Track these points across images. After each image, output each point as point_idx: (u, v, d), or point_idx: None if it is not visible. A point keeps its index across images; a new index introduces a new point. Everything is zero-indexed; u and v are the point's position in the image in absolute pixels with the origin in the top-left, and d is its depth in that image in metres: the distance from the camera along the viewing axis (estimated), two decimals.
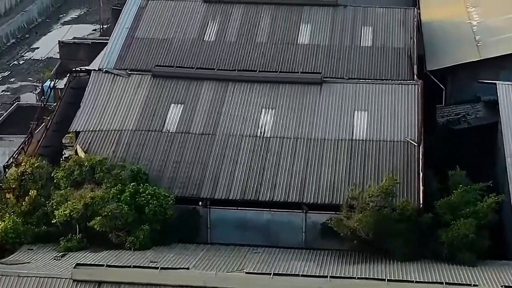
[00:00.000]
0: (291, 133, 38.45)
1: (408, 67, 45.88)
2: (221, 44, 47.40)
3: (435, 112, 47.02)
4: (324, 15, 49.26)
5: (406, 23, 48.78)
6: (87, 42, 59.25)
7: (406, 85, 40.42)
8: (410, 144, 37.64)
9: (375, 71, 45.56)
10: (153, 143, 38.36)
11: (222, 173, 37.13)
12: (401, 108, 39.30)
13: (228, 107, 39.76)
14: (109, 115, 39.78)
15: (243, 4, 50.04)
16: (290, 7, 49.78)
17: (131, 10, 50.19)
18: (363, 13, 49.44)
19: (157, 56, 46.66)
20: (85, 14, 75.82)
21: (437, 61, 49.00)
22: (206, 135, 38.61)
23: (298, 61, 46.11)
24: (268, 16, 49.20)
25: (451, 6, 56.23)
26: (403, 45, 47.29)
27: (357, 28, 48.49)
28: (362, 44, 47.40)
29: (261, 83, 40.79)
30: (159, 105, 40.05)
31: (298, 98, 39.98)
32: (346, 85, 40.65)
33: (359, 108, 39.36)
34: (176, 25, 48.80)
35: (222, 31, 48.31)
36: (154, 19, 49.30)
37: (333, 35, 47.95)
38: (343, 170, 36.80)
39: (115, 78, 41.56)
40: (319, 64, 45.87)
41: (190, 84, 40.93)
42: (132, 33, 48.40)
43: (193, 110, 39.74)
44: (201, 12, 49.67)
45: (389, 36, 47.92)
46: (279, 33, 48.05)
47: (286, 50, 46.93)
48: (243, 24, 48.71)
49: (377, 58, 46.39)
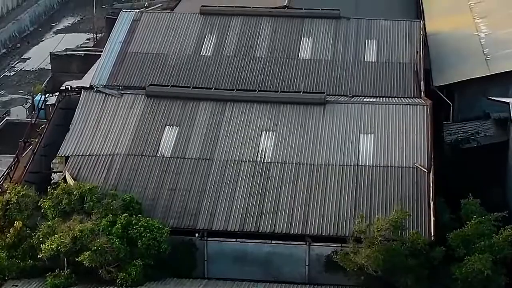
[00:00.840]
0: (293, 158, 35.94)
1: (415, 84, 43.49)
2: (219, 59, 44.96)
3: (442, 130, 44.61)
4: (326, 28, 46.82)
5: (412, 37, 46.35)
6: (80, 54, 56.67)
7: (414, 106, 37.91)
8: (420, 170, 35.16)
9: (380, 88, 43.20)
10: (147, 169, 35.84)
11: (220, 201, 34.62)
12: (409, 130, 36.80)
13: (226, 129, 37.24)
14: (100, 138, 37.26)
15: (242, 16, 47.62)
16: (291, 19, 47.36)
17: (124, 23, 47.74)
18: (367, 26, 47.01)
19: (151, 72, 44.25)
20: (78, 23, 73.19)
21: (444, 76, 46.53)
22: (203, 160, 36.09)
23: (299, 78, 43.71)
24: (267, 29, 46.77)
25: (457, 17, 53.75)
26: (409, 60, 44.88)
27: (361, 42, 46.07)
28: (366, 59, 44.99)
29: (261, 103, 38.28)
30: (153, 128, 37.53)
31: (300, 119, 37.48)
32: (350, 105, 38.11)
33: (364, 130, 36.87)
34: (172, 38, 46.35)
35: (219, 45, 45.87)
36: (149, 32, 46.85)
37: (336, 49, 45.53)
38: (348, 199, 34.30)
39: (107, 98, 39.03)
40: (321, 81, 43.50)
41: (185, 104, 38.40)
42: (125, 48, 45.95)
43: (189, 133, 37.22)
44: (198, 25, 47.24)
45: (394, 50, 45.51)
46: (279, 47, 45.63)
47: (287, 65, 44.52)
48: (242, 37, 46.28)
49: (382, 74, 44.01)
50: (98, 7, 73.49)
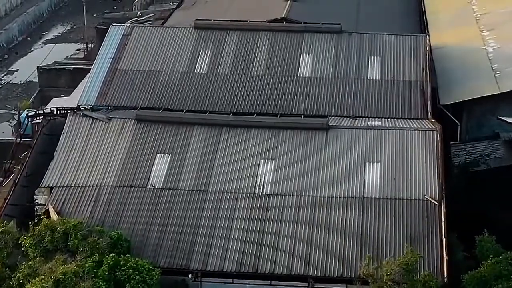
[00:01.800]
0: (293, 190, 33.10)
1: (421, 103, 40.69)
2: (214, 77, 42.08)
3: (450, 150, 41.83)
4: (327, 44, 43.96)
5: (417, 53, 43.52)
6: (68, 68, 53.72)
7: (423, 132, 35.08)
8: (430, 203, 32.36)
9: (384, 108, 40.36)
10: (136, 202, 32.99)
11: (215, 238, 31.80)
12: (418, 159, 33.98)
13: (222, 157, 34.38)
14: (86, 168, 34.39)
15: (238, 31, 44.73)
16: (290, 34, 44.47)
17: (114, 38, 44.83)
18: (370, 41, 44.15)
19: (142, 91, 41.37)
20: (68, 32, 70.08)
21: (451, 94, 43.66)
22: (197, 192, 33.24)
23: (299, 97, 40.84)
24: (265, 44, 43.88)
25: (463, 29, 50.89)
26: (414, 77, 42.06)
27: (364, 58, 43.21)
28: (370, 76, 42.16)
29: (259, 129, 35.45)
30: (143, 156, 34.65)
31: (301, 146, 34.64)
32: (355, 131, 35.27)
33: (370, 159, 34.04)
34: (164, 55, 43.46)
35: (214, 62, 43.00)
36: (140, 48, 43.96)
37: (337, 66, 42.68)
38: (354, 235, 31.49)
39: (94, 123, 36.17)
40: (322, 101, 40.64)
41: (178, 130, 35.54)
42: (115, 65, 43.08)
43: (182, 161, 34.35)
44: (192, 40, 44.34)
45: (399, 67, 42.66)
46: (278, 64, 42.75)
47: (286, 84, 41.65)
48: (238, 54, 43.40)
49: (386, 93, 41.18)
50: (89, 15, 70.54)
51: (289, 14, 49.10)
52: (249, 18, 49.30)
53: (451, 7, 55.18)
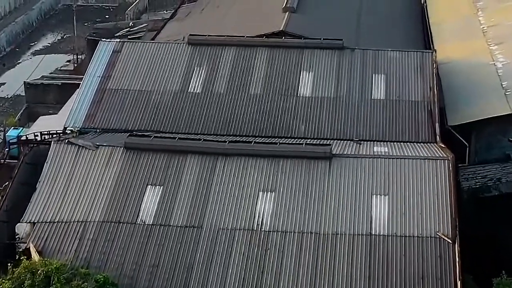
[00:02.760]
0: (295, 226, 30.33)
1: (429, 125, 38.05)
2: (209, 96, 39.41)
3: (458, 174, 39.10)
4: (329, 61, 41.25)
5: (424, 70, 40.84)
6: (57, 83, 50.93)
7: (434, 161, 32.29)
8: (443, 241, 29.66)
9: (390, 131, 37.73)
10: (125, 240, 30.17)
11: (210, 279, 28.93)
12: (429, 191, 31.20)
13: (217, 190, 31.60)
14: (71, 201, 31.57)
15: (234, 47, 42.00)
16: (289, 50, 41.74)
17: (103, 54, 42.09)
18: (374, 58, 41.44)
19: (133, 112, 38.73)
20: (58, 42, 67.13)
21: (459, 114, 40.94)
22: (190, 228, 30.43)
23: (299, 119, 38.21)
24: (263, 61, 41.16)
25: (470, 43, 48.17)
26: (421, 97, 39.39)
27: (368, 76, 40.52)
28: (374, 96, 39.47)
29: (257, 158, 32.61)
30: (132, 188, 31.84)
31: (302, 177, 31.85)
32: (360, 160, 32.45)
33: (378, 191, 31.28)
34: (156, 73, 40.74)
35: (209, 80, 40.28)
36: (130, 65, 41.24)
37: (340, 85, 39.99)
38: (361, 277, 28.69)
39: (80, 151, 33.34)
40: (324, 123, 38.01)
41: (170, 159, 32.74)
42: (104, 83, 40.38)
43: (174, 194, 31.56)
44: (186, 57, 41.62)
45: (404, 86, 39.98)
46: (277, 82, 40.05)
47: (285, 104, 38.99)
48: (234, 72, 40.68)
49: (392, 115, 38.52)
50: (80, 24, 67.77)
51: (288, 27, 46.39)
52: (246, 30, 46.87)
53: (455, 17, 52.51)
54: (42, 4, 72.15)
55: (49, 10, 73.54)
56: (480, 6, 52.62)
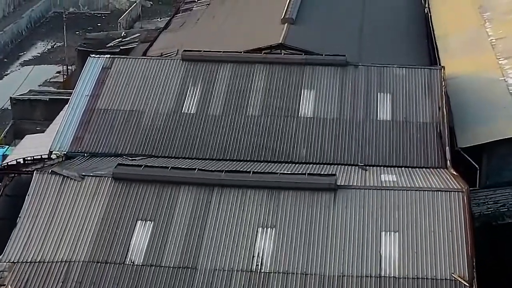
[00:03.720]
0: (297, 267, 27.62)
1: (439, 149, 35.45)
2: (204, 118, 36.78)
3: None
4: (331, 78, 38.61)
5: (432, 88, 38.21)
6: (44, 99, 48.23)
7: (447, 193, 29.63)
8: (459, 283, 27.02)
9: (397, 155, 35.12)
10: (112, 282, 27.44)
11: None
12: (442, 228, 28.53)
13: (213, 226, 28.91)
14: (54, 239, 28.84)
15: (231, 63, 39.34)
16: (289, 67, 39.08)
17: (92, 71, 39.43)
18: (379, 75, 38.79)
19: (123, 135, 36.10)
20: (48, 52, 64.26)
21: (469, 134, 38.34)
22: (184, 269, 27.70)
23: (300, 142, 35.60)
24: (262, 79, 38.52)
25: (478, 56, 45.52)
26: (430, 118, 36.76)
27: (372, 95, 37.88)
28: (380, 117, 36.84)
29: (256, 189, 29.94)
30: (121, 223, 29.14)
31: (305, 212, 29.18)
32: (368, 192, 29.78)
33: (387, 227, 28.62)
34: (148, 92, 38.10)
35: (205, 100, 37.65)
36: (121, 83, 38.59)
37: (343, 105, 37.35)
38: None
39: (65, 182, 30.62)
40: (327, 146, 35.40)
41: (162, 190, 30.05)
42: (93, 103, 37.74)
43: (166, 230, 28.85)
44: (180, 74, 38.98)
45: (412, 106, 37.35)
46: (276, 102, 37.41)
47: (285, 126, 36.36)
48: (231, 90, 38.05)
49: (398, 137, 35.90)
50: (71, 33, 65.03)
51: (287, 39, 43.81)
52: (243, 43, 44.41)
53: (462, 29, 49.87)
54: (32, 12, 69.35)
55: (39, 18, 70.70)
56: (488, 17, 50.01)
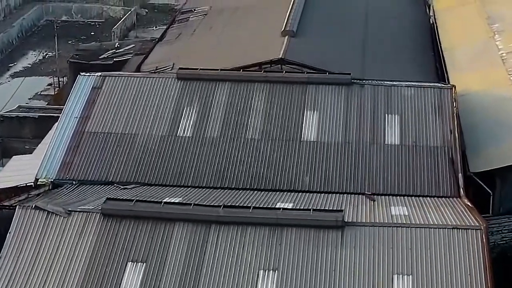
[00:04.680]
0: None
1: (451, 176, 32.97)
2: (200, 142, 34.35)
3: None
4: (335, 98, 36.13)
5: (443, 110, 35.72)
6: (33, 116, 45.67)
7: (464, 231, 27.10)
8: None
9: (407, 183, 32.69)
10: None
11: None
12: (459, 269, 26.02)
13: (210, 268, 26.31)
14: (38, 281, 26.23)
15: (229, 82, 36.83)
16: (291, 86, 36.62)
17: (82, 91, 36.96)
18: (386, 95, 36.31)
19: (114, 161, 33.69)
20: (39, 63, 61.50)
21: (482, 159, 35.86)
22: None
23: (302, 169, 33.16)
24: (262, 99, 36.05)
25: (488, 72, 42.94)
26: (441, 142, 34.27)
27: (379, 117, 35.38)
28: (387, 141, 34.35)
29: (256, 227, 27.41)
30: (110, 265, 26.54)
31: (310, 252, 26.63)
32: (378, 230, 27.24)
33: (399, 269, 26.06)
34: (141, 113, 35.64)
35: (201, 123, 35.17)
36: (112, 104, 36.11)
37: (349, 128, 34.86)
38: None
39: (49, 218, 28.05)
40: (332, 173, 33.00)
41: (155, 228, 27.50)
42: (82, 125, 35.28)
43: (159, 273, 26.26)
44: (175, 94, 36.49)
45: (421, 129, 34.86)
46: (277, 124, 34.97)
47: (287, 150, 33.91)
48: (230, 112, 35.58)
49: (408, 163, 33.44)
50: (63, 42, 62.40)
51: (287, 53, 41.29)
52: (241, 57, 42.01)
53: (470, 42, 47.29)
54: (23, 21, 66.61)
55: (30, 26, 67.90)
56: (497, 29, 47.46)
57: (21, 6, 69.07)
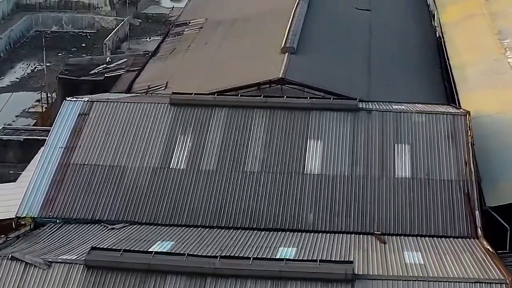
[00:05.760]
0: None
1: (467, 214, 30.16)
2: (195, 175, 31.54)
3: None
4: (341, 126, 33.28)
5: (457, 139, 32.88)
6: (18, 139, 42.72)
7: (487, 285, 24.28)
8: None
9: (419, 222, 29.90)
10: None
11: None
12: None
13: None
14: None
15: (226, 108, 33.99)
16: (293, 112, 33.79)
17: (68, 118, 34.09)
18: (395, 123, 33.46)
19: (101, 197, 30.88)
20: (28, 77, 58.39)
21: (498, 191, 33.07)
22: None
23: (306, 205, 30.39)
24: (261, 128, 33.20)
25: (502, 92, 40.10)
26: (455, 175, 31.44)
27: (389, 147, 32.53)
28: (398, 174, 31.51)
29: (257, 280, 24.55)
30: None
31: None
32: (392, 284, 24.39)
33: None
34: (132, 143, 32.79)
35: (196, 153, 32.32)
36: (100, 133, 33.24)
37: (356, 159, 32.04)
38: None
39: (28, 270, 25.15)
40: (338, 211, 30.18)
41: (145, 281, 24.59)
42: (67, 157, 32.44)
43: None
44: (168, 121, 33.64)
45: (434, 160, 32.02)
46: (278, 155, 32.13)
47: (289, 186, 31.08)
48: (227, 141, 32.75)
49: (420, 199, 30.63)
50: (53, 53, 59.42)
51: (287, 73, 38.38)
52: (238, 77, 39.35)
53: (480, 58, 44.48)
54: (11, 32, 63.45)
55: (19, 38, 64.70)
56: (508, 45, 44.73)
57: (10, 16, 66.04)
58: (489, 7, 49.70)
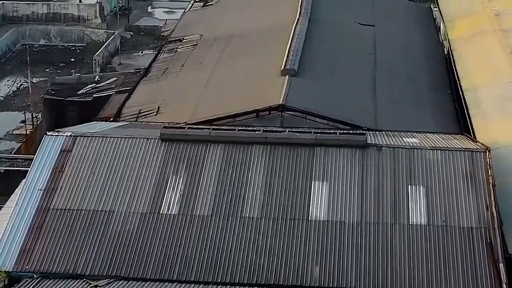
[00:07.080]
0: None
1: (490, 266, 26.89)
2: (188, 221, 28.33)
3: None
4: (349, 165, 29.94)
5: (476, 179, 29.53)
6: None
7: None
8: None
9: (438, 276, 26.73)
10: None
11: None
12: None
13: None
14: None
15: (223, 144, 30.67)
16: (295, 149, 30.46)
17: (49, 156, 30.72)
18: (408, 161, 30.11)
19: (84, 248, 27.64)
20: (13, 95, 54.87)
21: None
22: None
23: (311, 256, 27.17)
24: (261, 166, 29.89)
25: None
26: (476, 222, 28.16)
27: (402, 189, 29.21)
28: (412, 220, 28.24)
29: None
30: None
31: None
32: None
33: None
34: (118, 184, 29.48)
35: (190, 197, 29.05)
36: (84, 172, 29.93)
37: (365, 202, 28.74)
38: None
39: None
40: (347, 264, 26.92)
41: None
42: (47, 200, 29.16)
43: None
44: (158, 159, 30.30)
45: (452, 204, 28.72)
46: (280, 199, 28.85)
47: (292, 233, 27.82)
48: (223, 182, 29.45)
49: (438, 250, 27.40)
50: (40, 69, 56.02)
51: (288, 99, 35.17)
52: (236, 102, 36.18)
53: (494, 80, 41.07)
54: None
55: (5, 52, 61.11)
56: None
57: None
58: (500, 23, 46.36)
